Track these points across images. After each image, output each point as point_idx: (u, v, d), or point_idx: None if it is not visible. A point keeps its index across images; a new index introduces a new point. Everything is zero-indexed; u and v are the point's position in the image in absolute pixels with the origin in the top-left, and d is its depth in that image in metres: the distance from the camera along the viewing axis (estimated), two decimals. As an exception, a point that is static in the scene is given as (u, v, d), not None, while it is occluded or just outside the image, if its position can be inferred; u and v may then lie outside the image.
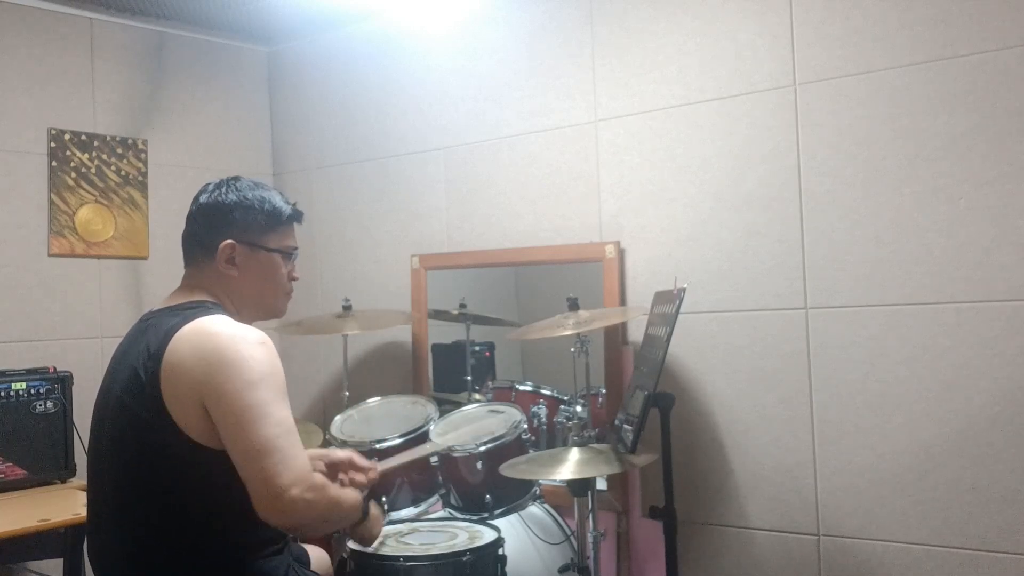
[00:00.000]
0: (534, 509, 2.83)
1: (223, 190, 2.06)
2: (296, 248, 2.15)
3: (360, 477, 2.26)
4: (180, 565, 1.87)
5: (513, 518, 2.75)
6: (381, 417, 3.00)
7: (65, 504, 2.78)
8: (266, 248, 2.06)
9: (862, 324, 2.56)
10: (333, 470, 2.28)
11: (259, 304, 2.09)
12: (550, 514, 2.88)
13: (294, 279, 2.15)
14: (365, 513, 2.00)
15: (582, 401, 2.86)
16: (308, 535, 1.84)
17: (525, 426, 2.74)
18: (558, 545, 2.80)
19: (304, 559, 2.25)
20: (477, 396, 3.29)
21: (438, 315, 3.50)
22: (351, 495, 1.96)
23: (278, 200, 2.10)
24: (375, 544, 2.35)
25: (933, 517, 2.46)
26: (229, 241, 2.02)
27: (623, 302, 2.99)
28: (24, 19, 3.37)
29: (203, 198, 2.08)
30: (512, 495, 2.68)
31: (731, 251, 2.79)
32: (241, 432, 1.76)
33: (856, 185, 2.56)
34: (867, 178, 2.54)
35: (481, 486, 2.67)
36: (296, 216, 2.14)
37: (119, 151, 3.60)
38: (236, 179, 2.09)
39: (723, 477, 2.80)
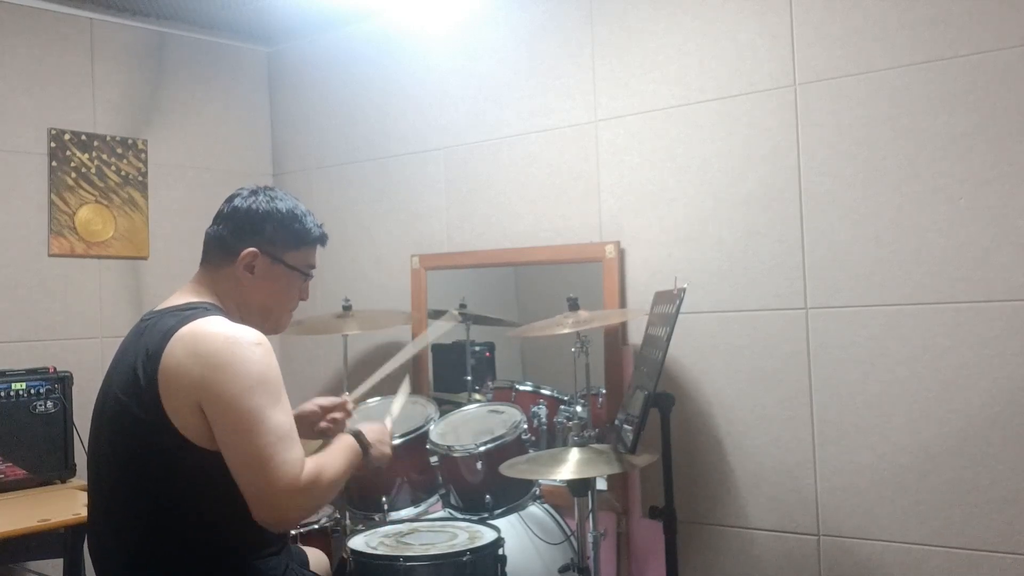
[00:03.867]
0: (534, 509, 2.83)
1: (259, 198, 2.06)
2: (314, 268, 2.15)
3: (338, 415, 2.32)
4: (178, 565, 1.87)
5: (513, 518, 2.75)
6: (381, 417, 3.00)
7: (65, 504, 2.78)
8: (286, 264, 2.06)
9: (862, 324, 2.56)
10: (307, 424, 2.30)
11: (263, 316, 2.09)
12: (550, 514, 2.88)
13: (303, 299, 2.15)
14: (365, 449, 2.04)
15: (582, 401, 2.86)
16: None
17: (525, 426, 2.75)
18: (558, 545, 2.80)
19: (303, 560, 2.25)
20: (477, 396, 3.29)
21: (438, 315, 3.49)
22: (346, 448, 2.00)
23: (309, 220, 2.10)
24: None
25: (933, 517, 2.46)
26: (253, 249, 2.02)
27: (623, 302, 2.99)
28: (24, 19, 3.37)
29: (237, 201, 2.07)
30: (512, 495, 2.68)
31: (731, 251, 2.79)
32: (236, 441, 1.78)
33: (856, 185, 2.56)
34: (867, 178, 2.54)
35: (481, 486, 2.67)
36: (322, 240, 2.15)
37: (119, 151, 3.60)
38: (272, 189, 2.10)
39: (723, 477, 2.80)
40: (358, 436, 2.05)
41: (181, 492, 1.84)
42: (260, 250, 2.03)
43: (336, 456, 1.95)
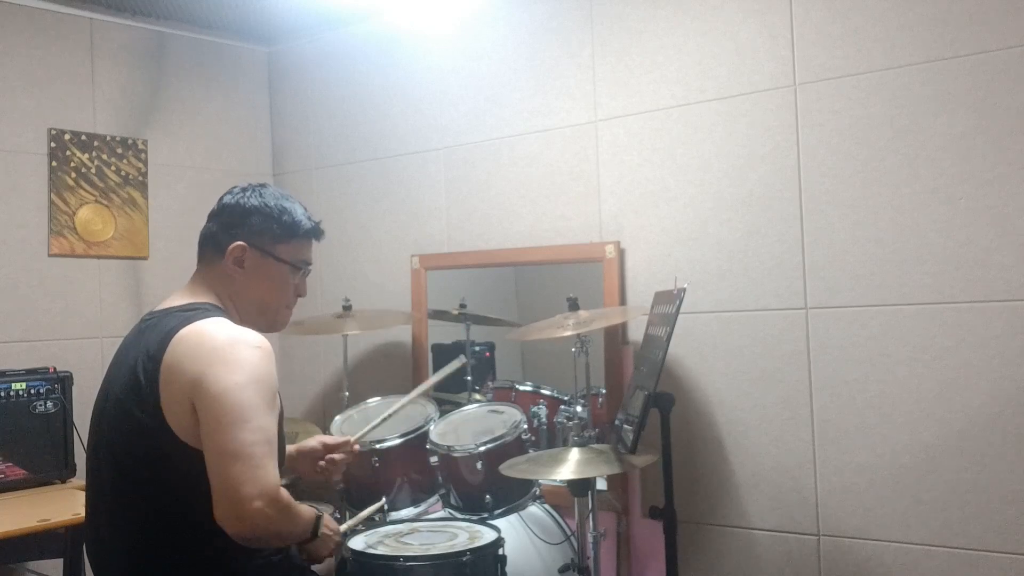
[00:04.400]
0: (534, 509, 2.83)
1: (247, 193, 2.07)
2: (308, 264, 2.14)
3: (339, 456, 2.34)
4: (178, 565, 1.87)
5: (513, 518, 2.75)
6: (379, 414, 3.00)
7: (65, 504, 2.78)
8: (276, 257, 2.06)
9: (862, 324, 2.56)
10: (309, 459, 2.33)
11: (260, 311, 2.09)
12: (550, 514, 2.88)
13: (300, 295, 2.15)
14: (314, 534, 1.93)
15: (582, 401, 2.86)
16: (255, 547, 1.82)
17: (525, 426, 2.74)
18: (558, 545, 2.80)
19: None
20: (477, 396, 3.29)
21: (438, 315, 3.50)
22: (308, 514, 1.91)
23: (299, 213, 2.10)
24: (326, 566, 2.23)
25: (933, 517, 2.46)
26: (240, 243, 2.03)
27: (623, 302, 2.99)
28: (24, 19, 3.37)
29: (227, 198, 2.09)
30: (512, 495, 2.68)
31: (731, 251, 2.79)
32: (218, 432, 1.76)
33: (856, 185, 2.56)
34: (867, 178, 2.54)
35: (481, 486, 2.67)
36: (314, 233, 2.13)
37: (119, 151, 3.60)
38: (263, 185, 2.11)
39: (723, 477, 2.80)
40: (318, 519, 1.94)
41: (180, 492, 1.84)
42: (248, 243, 2.03)
43: (300, 509, 1.89)
